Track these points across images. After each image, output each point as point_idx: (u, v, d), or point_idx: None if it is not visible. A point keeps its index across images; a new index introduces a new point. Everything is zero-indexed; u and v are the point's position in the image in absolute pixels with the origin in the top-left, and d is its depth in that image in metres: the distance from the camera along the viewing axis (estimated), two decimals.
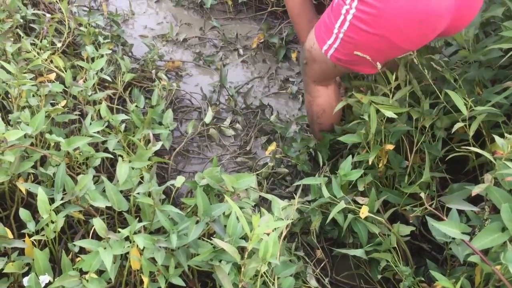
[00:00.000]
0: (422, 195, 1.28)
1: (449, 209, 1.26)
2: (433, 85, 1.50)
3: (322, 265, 1.56)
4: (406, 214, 1.47)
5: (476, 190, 1.15)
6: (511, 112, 1.56)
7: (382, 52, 1.42)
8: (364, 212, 1.30)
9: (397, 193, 1.49)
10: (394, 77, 1.50)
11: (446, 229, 1.11)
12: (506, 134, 1.17)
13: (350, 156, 1.53)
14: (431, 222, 1.16)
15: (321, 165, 1.78)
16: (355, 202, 1.44)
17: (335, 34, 1.44)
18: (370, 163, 1.48)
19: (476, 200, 1.38)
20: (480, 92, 1.58)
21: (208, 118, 1.89)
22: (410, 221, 1.45)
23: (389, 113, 1.43)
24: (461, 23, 1.42)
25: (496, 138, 1.20)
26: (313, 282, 1.43)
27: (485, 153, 1.19)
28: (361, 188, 1.48)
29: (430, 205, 1.26)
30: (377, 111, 1.46)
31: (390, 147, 1.53)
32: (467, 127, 1.41)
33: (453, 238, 1.19)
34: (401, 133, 1.55)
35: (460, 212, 1.26)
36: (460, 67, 1.71)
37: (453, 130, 1.39)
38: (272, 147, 1.88)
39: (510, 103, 1.50)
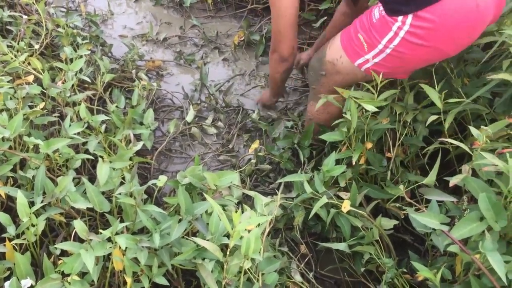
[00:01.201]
0: (402, 187, 1.29)
1: (429, 201, 1.28)
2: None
3: (306, 259, 1.57)
4: (389, 208, 1.48)
5: (454, 180, 1.17)
6: (495, 103, 1.58)
7: (429, 61, 1.47)
8: (346, 206, 1.31)
9: (378, 188, 1.50)
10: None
11: (426, 220, 1.13)
12: (482, 126, 1.18)
13: (334, 152, 1.54)
14: (411, 214, 1.18)
15: (302, 162, 1.79)
16: (338, 197, 1.45)
17: (380, 49, 1.43)
18: (354, 163, 1.49)
19: (456, 191, 1.40)
20: (466, 83, 1.60)
21: (190, 117, 1.89)
22: (393, 214, 1.47)
23: (370, 107, 1.44)
24: (493, 22, 1.46)
25: (472, 129, 1.22)
26: (297, 277, 1.44)
27: (461, 144, 1.20)
28: (342, 184, 1.49)
29: (411, 198, 1.27)
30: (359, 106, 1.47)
31: (369, 145, 1.54)
32: (444, 120, 1.42)
33: (433, 229, 1.20)
34: (383, 131, 1.56)
35: (440, 203, 1.28)
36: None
37: (427, 123, 1.40)
38: (255, 145, 1.88)
39: (492, 95, 1.52)
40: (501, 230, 1.08)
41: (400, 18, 1.35)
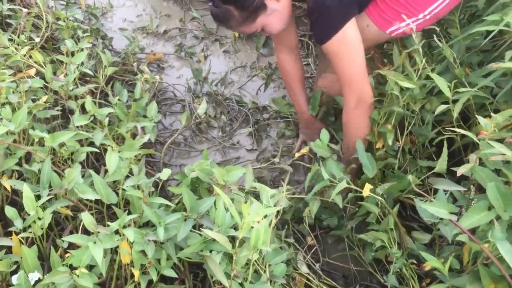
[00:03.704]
0: (410, 177, 1.29)
1: (436, 191, 1.28)
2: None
3: (313, 250, 1.57)
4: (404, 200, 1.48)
5: (461, 170, 1.17)
6: (496, 93, 1.59)
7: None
8: (366, 190, 1.28)
9: (402, 178, 1.48)
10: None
11: (434, 209, 1.12)
12: (492, 114, 1.18)
13: (324, 130, 1.52)
14: (419, 203, 1.17)
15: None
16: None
17: (420, 18, 1.51)
18: (382, 146, 1.52)
19: (460, 181, 1.40)
20: (468, 73, 1.60)
21: (201, 110, 1.87)
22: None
23: (408, 85, 1.45)
24: None
25: (480, 118, 1.22)
26: (304, 268, 1.44)
27: (469, 133, 1.20)
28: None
29: (419, 187, 1.27)
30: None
31: (389, 126, 1.55)
32: (453, 109, 1.42)
33: (441, 219, 1.20)
34: (401, 116, 1.56)
35: (447, 192, 1.28)
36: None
37: (436, 112, 1.40)
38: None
39: (495, 84, 1.52)
40: (509, 219, 1.08)
41: None
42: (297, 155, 1.61)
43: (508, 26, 1.38)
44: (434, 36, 1.39)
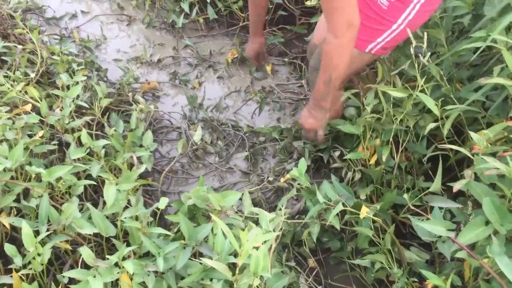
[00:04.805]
0: (406, 196, 1.30)
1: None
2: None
3: (314, 272, 1.57)
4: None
5: (457, 186, 1.18)
6: (489, 106, 1.60)
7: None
8: (364, 212, 1.29)
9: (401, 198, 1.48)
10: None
11: (432, 227, 1.13)
12: (484, 131, 1.19)
13: (303, 159, 1.53)
14: (416, 222, 1.18)
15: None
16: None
17: (394, 29, 1.54)
18: (382, 160, 1.53)
19: (457, 195, 1.41)
20: (459, 88, 1.62)
21: (197, 137, 1.88)
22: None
23: (397, 94, 1.49)
24: None
25: (472, 134, 1.23)
26: None
27: (462, 150, 1.21)
28: (363, 196, 1.49)
29: (417, 207, 1.28)
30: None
31: (377, 142, 1.57)
32: (442, 126, 1.44)
33: (439, 236, 1.20)
34: (392, 132, 1.57)
35: (442, 210, 1.28)
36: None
37: (426, 131, 1.42)
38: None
39: (486, 98, 1.54)
40: (507, 233, 1.08)
41: None
42: (282, 180, 1.64)
43: (495, 42, 1.40)
44: (420, 55, 1.41)
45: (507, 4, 1.50)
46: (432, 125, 1.40)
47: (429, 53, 1.40)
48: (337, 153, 1.76)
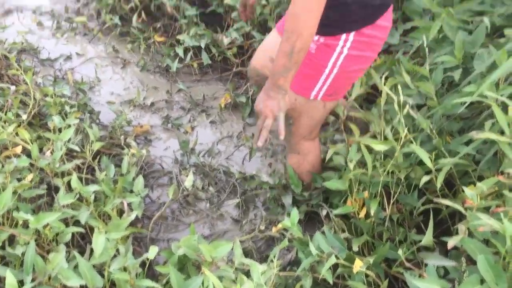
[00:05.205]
0: (400, 252, 1.28)
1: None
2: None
3: None
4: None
5: (452, 243, 1.17)
6: (478, 159, 1.62)
7: (366, 69, 1.62)
8: (357, 266, 1.28)
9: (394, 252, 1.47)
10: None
11: (426, 286, 1.11)
12: (478, 183, 1.19)
13: (295, 210, 1.52)
14: (410, 279, 1.16)
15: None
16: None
17: (327, 73, 1.53)
18: (371, 213, 1.51)
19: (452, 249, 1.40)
20: (449, 141, 1.64)
21: (189, 183, 1.87)
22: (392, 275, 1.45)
23: (380, 147, 1.50)
24: None
25: (466, 190, 1.23)
26: None
27: (456, 206, 1.21)
28: (355, 248, 1.47)
29: (409, 261, 1.26)
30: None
31: (366, 194, 1.57)
32: (435, 178, 1.44)
33: None
34: (381, 184, 1.58)
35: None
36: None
37: (421, 184, 1.42)
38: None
39: (477, 151, 1.55)
40: None
41: (343, 36, 1.45)
42: (274, 230, 1.62)
43: (485, 96, 1.43)
44: (410, 109, 1.43)
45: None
46: (425, 178, 1.40)
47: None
48: (324, 212, 1.74)
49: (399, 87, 1.53)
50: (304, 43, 1.30)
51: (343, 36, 1.45)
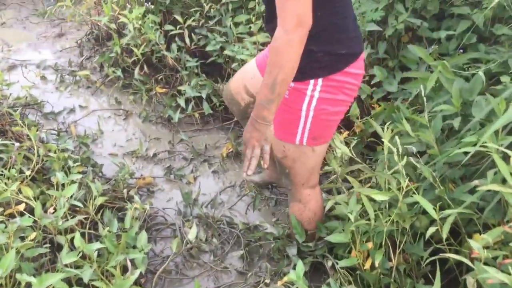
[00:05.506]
0: None
1: None
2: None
3: None
4: None
5: None
6: (482, 206, 1.61)
7: (346, 110, 1.61)
8: None
9: None
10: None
11: None
12: (483, 235, 1.19)
13: (300, 262, 1.51)
14: None
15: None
16: None
17: (305, 116, 1.55)
18: (376, 265, 1.49)
19: None
20: (452, 189, 1.63)
21: (192, 235, 1.86)
22: None
23: (381, 197, 1.50)
24: None
25: (472, 242, 1.22)
26: None
27: (463, 259, 1.20)
28: None
29: None
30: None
31: (370, 245, 1.55)
32: (441, 228, 1.43)
33: None
34: (385, 234, 1.57)
35: None
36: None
37: (427, 236, 1.41)
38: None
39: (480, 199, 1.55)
40: None
41: (311, 81, 1.48)
42: (279, 283, 1.60)
43: (485, 146, 1.43)
44: (412, 159, 1.44)
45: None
46: (432, 230, 1.39)
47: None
48: (329, 263, 1.72)
49: (396, 138, 1.54)
50: (285, 75, 1.34)
51: (312, 81, 1.49)
